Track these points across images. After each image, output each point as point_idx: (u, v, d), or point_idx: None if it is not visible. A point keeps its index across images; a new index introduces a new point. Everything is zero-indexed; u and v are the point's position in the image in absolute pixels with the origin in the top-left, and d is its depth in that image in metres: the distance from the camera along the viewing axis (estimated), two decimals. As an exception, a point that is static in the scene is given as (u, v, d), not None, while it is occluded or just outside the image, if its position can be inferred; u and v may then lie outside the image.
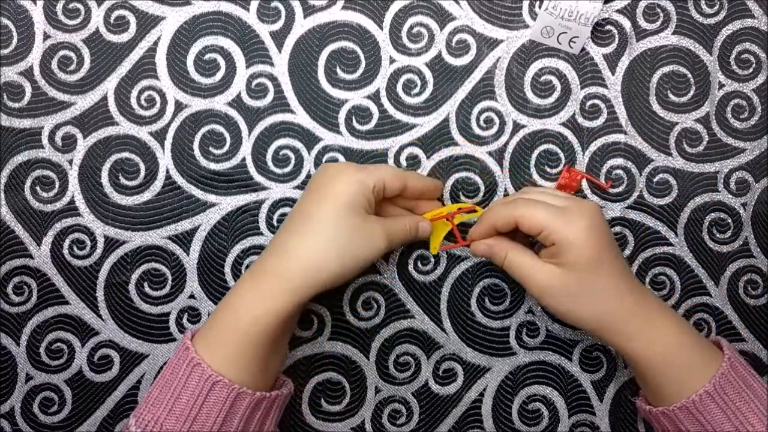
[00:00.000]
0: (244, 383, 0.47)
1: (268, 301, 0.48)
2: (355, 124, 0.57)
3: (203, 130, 0.57)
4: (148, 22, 0.56)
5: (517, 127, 0.57)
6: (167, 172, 0.57)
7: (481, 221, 0.52)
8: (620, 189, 0.57)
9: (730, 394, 0.48)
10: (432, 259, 0.57)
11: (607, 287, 0.49)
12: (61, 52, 0.56)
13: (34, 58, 0.56)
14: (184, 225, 0.57)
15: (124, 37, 0.56)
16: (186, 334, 0.50)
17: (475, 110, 0.57)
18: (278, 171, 0.57)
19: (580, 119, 0.57)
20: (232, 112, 0.57)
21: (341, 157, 0.57)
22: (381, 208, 0.54)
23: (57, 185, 0.56)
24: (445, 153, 0.57)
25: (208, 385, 0.47)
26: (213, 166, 0.57)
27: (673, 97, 0.57)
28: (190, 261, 0.57)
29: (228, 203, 0.57)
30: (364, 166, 0.52)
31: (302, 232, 0.49)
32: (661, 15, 0.57)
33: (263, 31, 0.57)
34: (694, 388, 0.48)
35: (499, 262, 0.52)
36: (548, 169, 0.57)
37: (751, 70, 0.57)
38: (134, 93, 0.56)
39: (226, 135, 0.57)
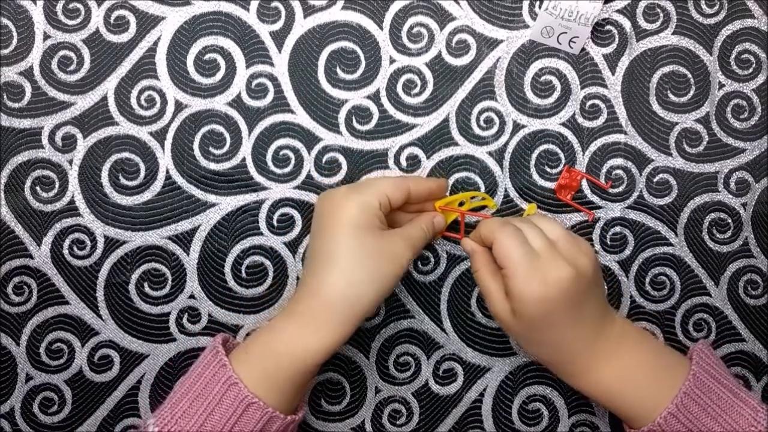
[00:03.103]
0: (275, 407, 0.47)
1: (312, 342, 0.48)
2: (355, 124, 0.57)
3: (203, 130, 0.57)
4: (148, 22, 0.56)
5: (517, 127, 0.57)
6: (167, 172, 0.57)
7: (477, 227, 0.52)
8: (620, 189, 0.57)
9: (695, 412, 0.48)
10: (432, 259, 0.57)
11: (554, 340, 0.49)
12: (61, 52, 0.56)
13: (34, 58, 0.56)
14: (184, 225, 0.57)
15: (124, 37, 0.56)
16: (216, 347, 0.49)
17: (475, 110, 0.57)
18: (278, 171, 0.57)
19: (580, 119, 0.57)
20: (232, 112, 0.57)
21: (341, 157, 0.57)
22: (391, 219, 0.53)
23: (57, 185, 0.56)
24: (445, 153, 0.57)
25: (243, 406, 0.47)
26: (213, 166, 0.57)
27: (673, 97, 0.57)
28: (190, 261, 0.57)
29: (228, 203, 0.57)
30: (361, 185, 0.51)
31: (327, 270, 0.48)
32: (661, 15, 0.57)
33: (263, 31, 0.57)
34: (658, 411, 0.48)
35: (472, 270, 0.52)
36: (548, 169, 0.57)
37: (751, 70, 0.57)
38: (134, 93, 0.56)
39: (226, 135, 0.57)
